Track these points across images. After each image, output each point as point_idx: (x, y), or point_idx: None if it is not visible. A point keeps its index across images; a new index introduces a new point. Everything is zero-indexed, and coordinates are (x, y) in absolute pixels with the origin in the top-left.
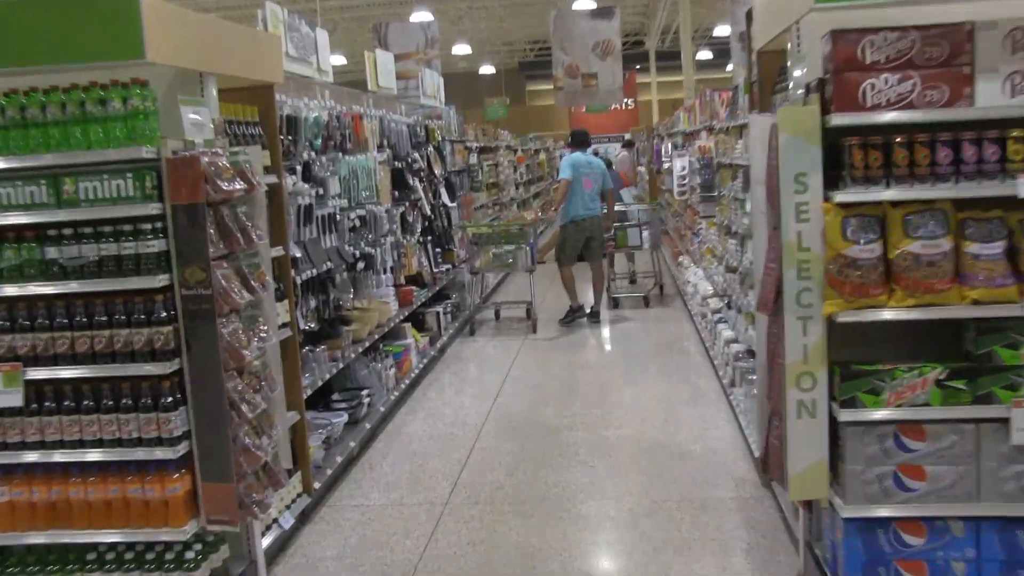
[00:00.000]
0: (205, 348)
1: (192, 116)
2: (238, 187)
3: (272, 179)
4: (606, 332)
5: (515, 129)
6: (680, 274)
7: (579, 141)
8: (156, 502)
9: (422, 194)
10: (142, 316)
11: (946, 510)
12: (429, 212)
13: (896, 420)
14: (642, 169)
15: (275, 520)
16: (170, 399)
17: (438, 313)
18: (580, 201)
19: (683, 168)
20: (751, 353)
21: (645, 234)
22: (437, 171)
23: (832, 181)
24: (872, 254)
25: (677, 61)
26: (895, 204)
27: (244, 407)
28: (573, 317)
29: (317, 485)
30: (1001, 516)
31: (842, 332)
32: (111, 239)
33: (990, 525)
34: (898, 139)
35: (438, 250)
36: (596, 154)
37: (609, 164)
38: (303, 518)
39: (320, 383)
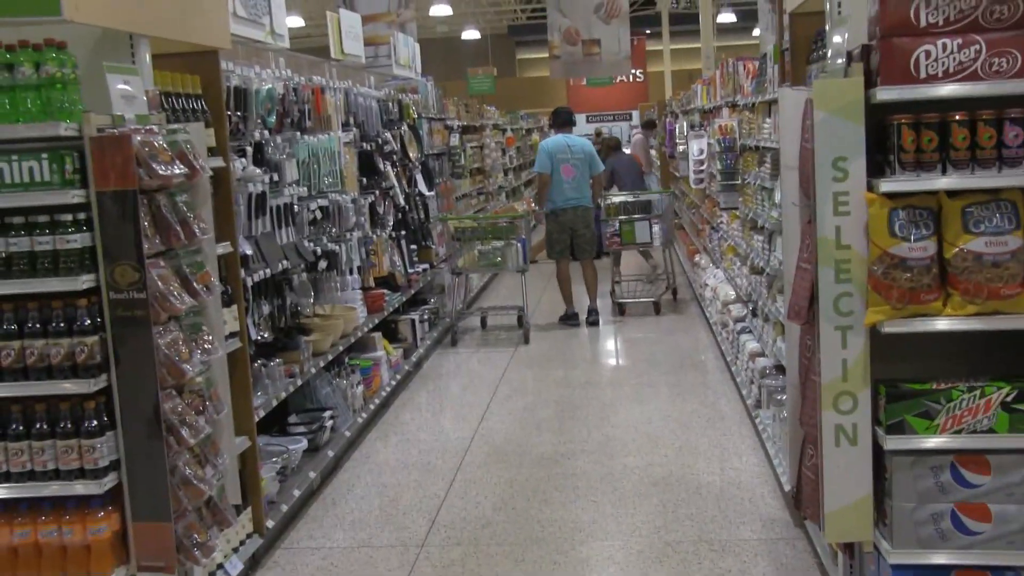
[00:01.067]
0: (138, 362)
1: (121, 87)
2: (177, 172)
3: (218, 162)
4: (610, 344)
5: (504, 105)
6: (696, 276)
7: (562, 121)
8: (76, 547)
9: (395, 181)
10: (61, 324)
11: (1017, 559)
12: (403, 202)
13: (954, 449)
14: (653, 153)
15: (220, 566)
16: (95, 423)
17: (413, 321)
18: (558, 191)
19: (700, 151)
20: (780, 369)
21: (656, 229)
22: (412, 154)
23: (877, 167)
24: (924, 253)
25: (694, 25)
26: (952, 194)
27: (184, 431)
28: (568, 323)
29: (271, 524)
30: None
31: (888, 345)
32: (22, 232)
33: None
34: (957, 117)
35: (413, 247)
36: (600, 133)
37: (617, 145)
38: (253, 563)
39: (275, 403)
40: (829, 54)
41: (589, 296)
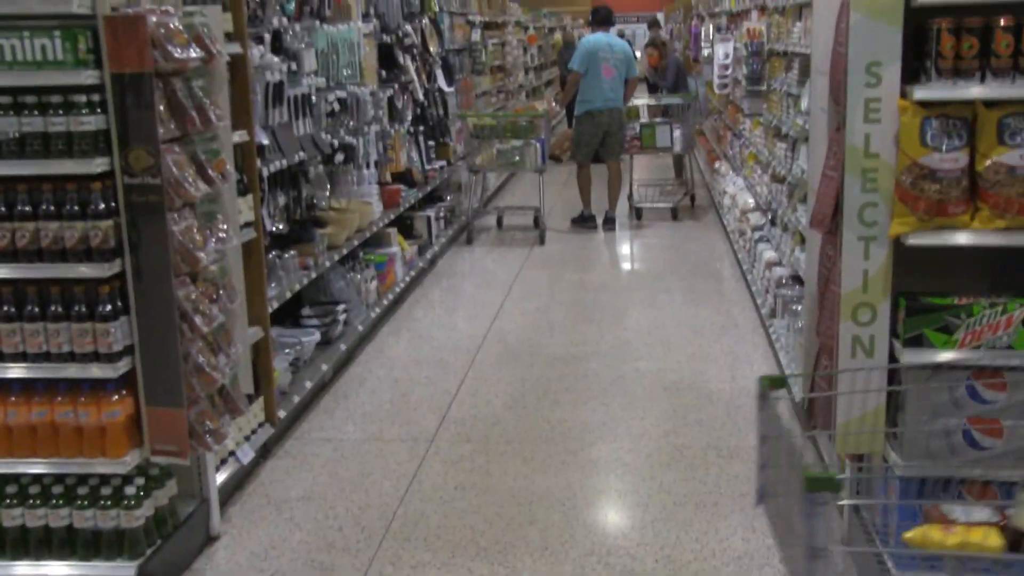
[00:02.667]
0: (152, 248)
1: None
2: (194, 55)
3: (235, 48)
4: (626, 248)
5: (527, 2)
6: (716, 183)
7: (601, 19)
8: (91, 428)
9: (414, 76)
10: (75, 207)
11: None
12: (422, 97)
13: (971, 365)
14: (677, 55)
15: (232, 453)
16: (109, 307)
17: (429, 218)
18: (598, 90)
19: (726, 56)
20: (797, 279)
21: (677, 133)
22: (433, 49)
23: (913, 73)
24: (956, 164)
25: None
26: (990, 104)
27: (198, 319)
28: (583, 224)
29: (282, 414)
30: None
31: (911, 257)
32: (35, 112)
33: None
34: (1003, 21)
35: (431, 143)
36: (622, 35)
37: (664, 45)
38: (265, 452)
39: (289, 295)
40: None
41: (610, 202)
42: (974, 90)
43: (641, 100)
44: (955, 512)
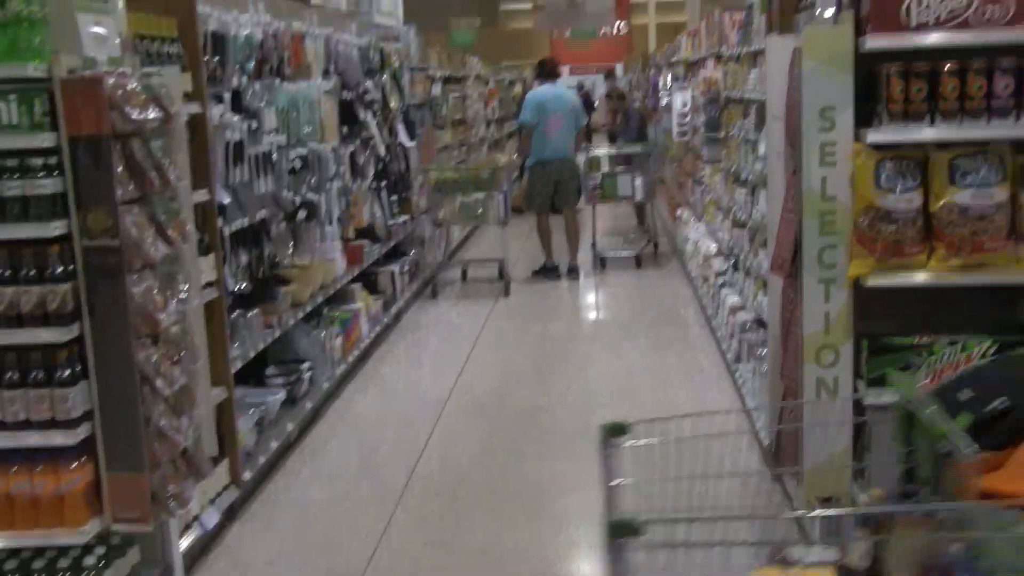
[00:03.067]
0: (111, 310)
1: (93, 29)
2: (152, 116)
3: (194, 108)
4: (590, 297)
5: (486, 57)
6: (678, 230)
7: (547, 72)
8: (48, 498)
9: (375, 131)
10: (32, 272)
11: None
12: (383, 153)
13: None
14: (636, 105)
15: (196, 517)
16: (67, 372)
17: (393, 273)
18: (547, 141)
19: (684, 104)
20: (760, 323)
21: (638, 182)
22: (393, 104)
23: (865, 117)
24: (910, 205)
25: None
26: (941, 146)
27: (159, 382)
28: (547, 275)
29: (248, 475)
30: None
31: (871, 298)
32: None
33: None
34: (947, 66)
35: (394, 198)
36: (581, 87)
37: (623, 96)
38: (230, 514)
39: (253, 354)
40: (818, 2)
41: (570, 251)
42: (925, 132)
43: (602, 150)
44: (795, 553)
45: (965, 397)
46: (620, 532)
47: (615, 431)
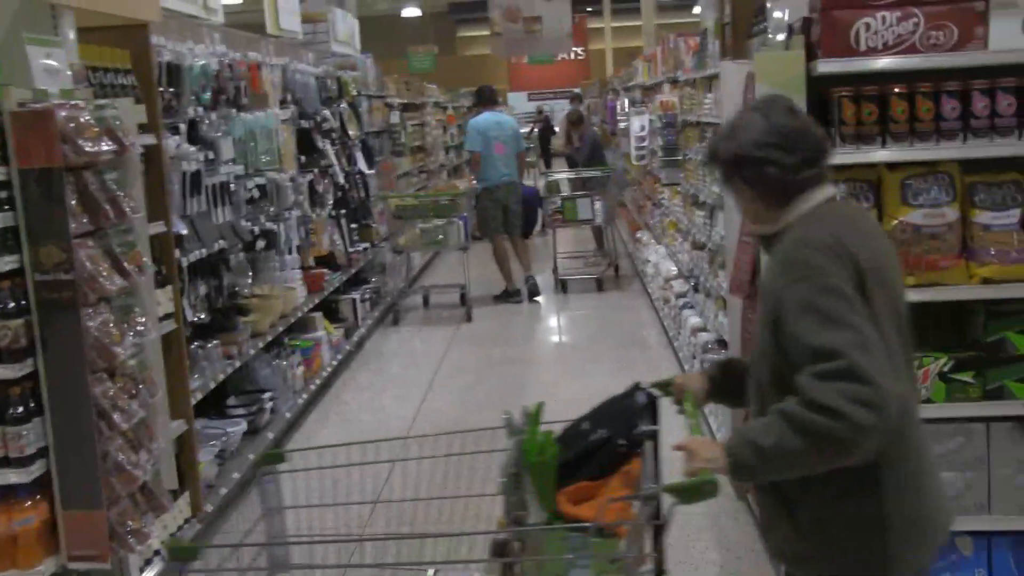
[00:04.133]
0: (66, 345)
1: (44, 61)
2: (105, 148)
3: (149, 140)
4: (553, 321)
5: (444, 83)
6: (639, 252)
7: (486, 99)
8: (1, 538)
9: (334, 159)
10: None
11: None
12: (342, 181)
13: None
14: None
15: (157, 552)
16: (21, 409)
17: (354, 300)
18: (492, 167)
19: (642, 128)
20: (722, 344)
21: (598, 206)
22: (352, 132)
23: None
24: None
25: (635, 3)
26: (892, 167)
27: (116, 416)
28: (508, 299)
29: (209, 508)
30: (1017, 531)
31: None
32: None
33: (1004, 541)
34: (896, 89)
35: (354, 226)
36: (540, 112)
37: (581, 119)
38: None
39: (213, 385)
40: (770, 28)
41: (523, 267)
42: (877, 154)
43: (562, 174)
44: None
45: (584, 428)
46: (178, 555)
47: (271, 459)
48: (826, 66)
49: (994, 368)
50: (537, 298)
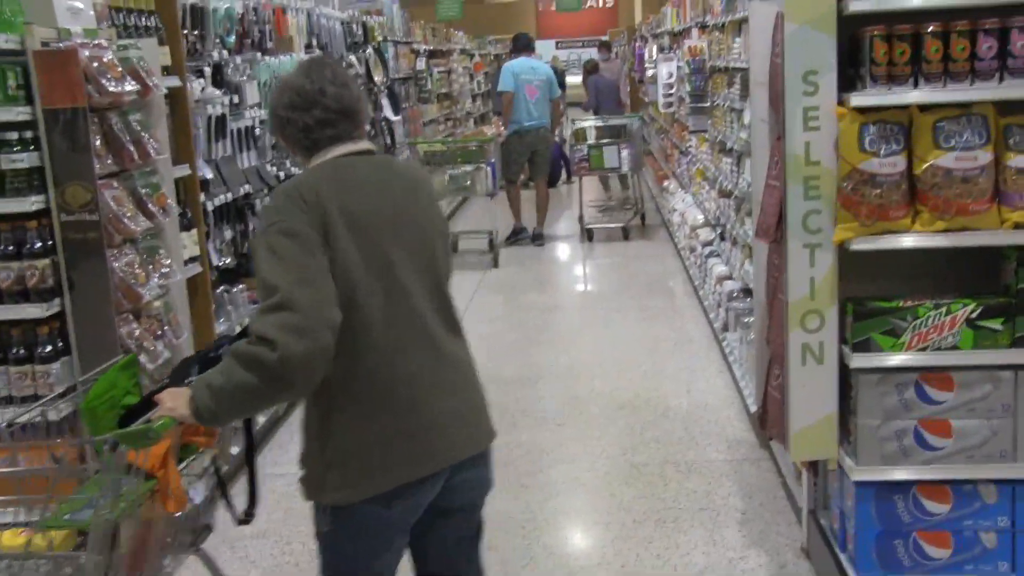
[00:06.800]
0: (92, 285)
1: (67, 1)
2: (129, 89)
3: (174, 82)
4: (578, 269)
5: (472, 30)
6: (665, 201)
7: (522, 46)
8: (31, 473)
9: None
10: (10, 247)
11: (976, 472)
12: (368, 127)
13: (919, 367)
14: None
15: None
16: (49, 348)
17: None
18: (523, 110)
19: (670, 75)
20: (747, 292)
21: (625, 153)
22: (378, 78)
23: (849, 81)
24: (894, 168)
25: None
26: (924, 108)
27: (142, 357)
28: (516, 238)
29: (235, 450)
30: None
31: (856, 262)
32: None
33: None
34: (931, 28)
35: None
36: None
37: (595, 68)
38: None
39: (238, 329)
40: None
41: (538, 219)
42: (909, 95)
43: (588, 122)
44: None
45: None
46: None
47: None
48: (858, 4)
49: (1023, 315)
50: (540, 243)
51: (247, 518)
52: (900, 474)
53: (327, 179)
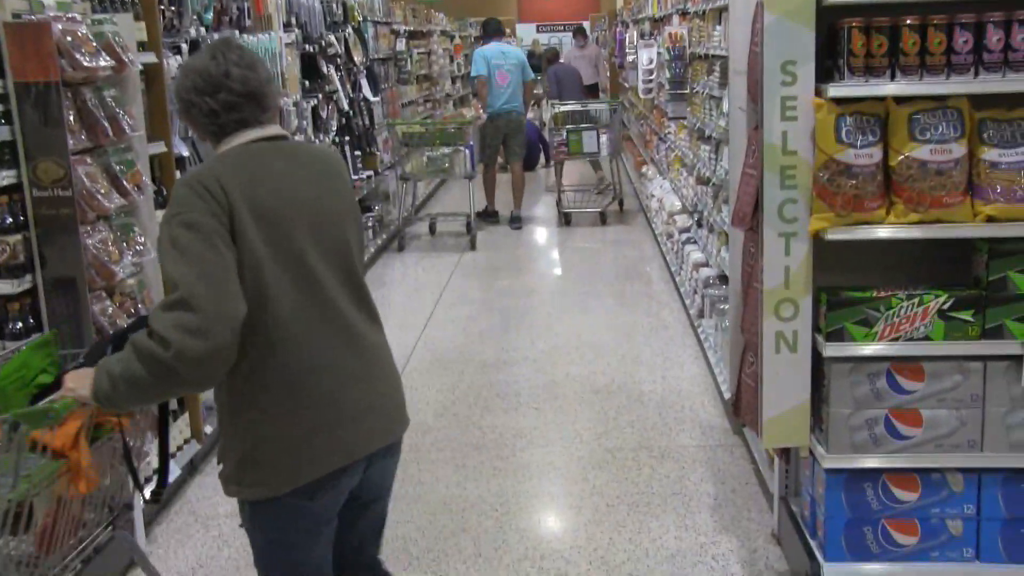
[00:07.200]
0: (64, 262)
1: None
2: (103, 64)
3: (150, 58)
4: (556, 253)
5: (452, 12)
6: (643, 187)
7: (492, 31)
8: None
9: (338, 85)
10: None
11: (944, 461)
12: (347, 107)
13: (890, 356)
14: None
15: (156, 472)
16: (19, 325)
17: None
18: (496, 95)
19: (650, 61)
20: (723, 279)
21: (604, 139)
22: (357, 58)
23: (826, 72)
24: (870, 160)
25: None
26: (900, 101)
27: None
28: (487, 219)
29: (209, 430)
30: (1007, 468)
31: (831, 252)
32: None
33: (993, 479)
34: (908, 21)
35: (357, 153)
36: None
37: (555, 57)
38: (191, 469)
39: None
40: None
41: (515, 201)
42: (886, 87)
43: (568, 106)
44: None
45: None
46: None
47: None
48: None
49: (994, 307)
50: (517, 226)
51: (155, 498)
52: (870, 462)
53: (233, 168)
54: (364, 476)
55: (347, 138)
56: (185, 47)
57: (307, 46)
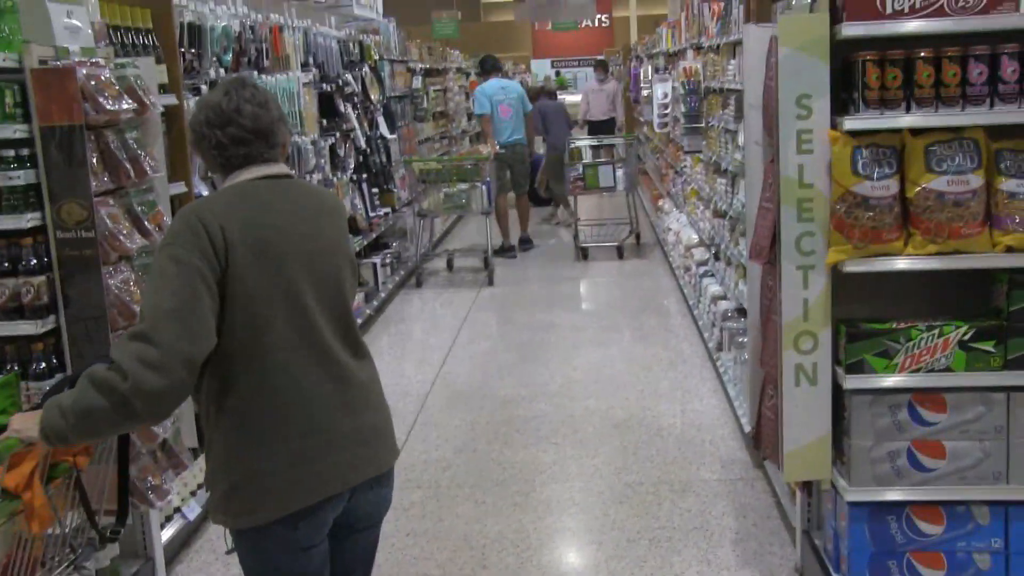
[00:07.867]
0: (87, 303)
1: (65, 19)
2: (126, 107)
3: (170, 100)
4: (573, 287)
5: (468, 49)
6: (660, 220)
7: (489, 68)
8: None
9: (356, 123)
10: (6, 264)
11: (969, 493)
12: (364, 145)
13: (911, 388)
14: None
15: (177, 509)
16: (43, 365)
17: (375, 265)
18: (499, 129)
19: (665, 95)
20: (742, 312)
21: (620, 173)
22: (374, 96)
23: (842, 105)
24: (887, 192)
25: None
26: (916, 132)
27: None
28: (504, 255)
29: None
30: None
31: (849, 285)
32: None
33: (1021, 511)
34: (923, 54)
35: (375, 191)
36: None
37: (540, 93)
38: None
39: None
40: None
41: (521, 226)
42: (902, 119)
43: (583, 141)
44: None
45: None
46: None
47: None
48: (851, 29)
49: (1016, 337)
50: (528, 247)
51: (113, 536)
52: (893, 495)
53: (232, 203)
54: (349, 505)
55: (364, 175)
56: (205, 88)
57: (325, 85)
